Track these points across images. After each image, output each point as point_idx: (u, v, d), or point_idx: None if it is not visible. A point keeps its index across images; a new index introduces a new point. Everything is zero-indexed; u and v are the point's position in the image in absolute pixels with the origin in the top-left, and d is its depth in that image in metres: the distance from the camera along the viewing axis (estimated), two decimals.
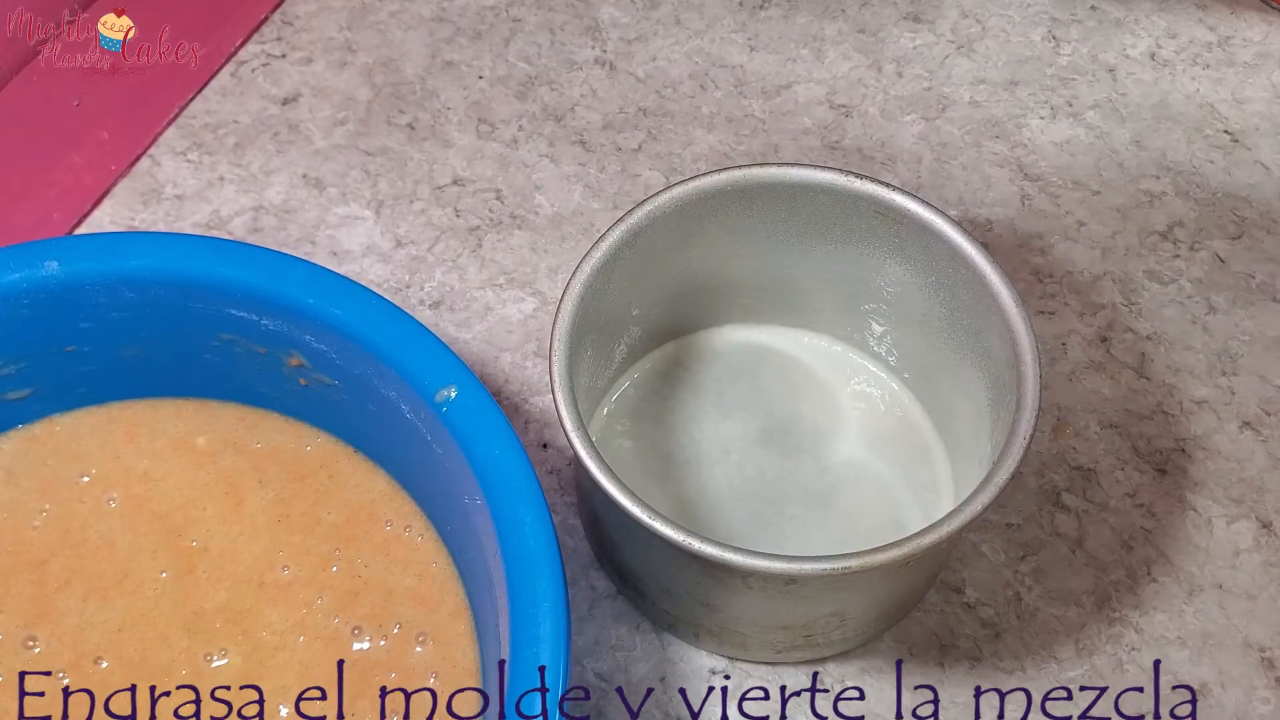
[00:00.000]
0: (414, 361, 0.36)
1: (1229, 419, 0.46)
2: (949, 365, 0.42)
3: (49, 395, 0.40)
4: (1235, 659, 0.42)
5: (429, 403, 0.35)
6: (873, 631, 0.41)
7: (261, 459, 0.40)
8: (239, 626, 0.37)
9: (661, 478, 0.43)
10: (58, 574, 0.38)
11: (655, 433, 0.44)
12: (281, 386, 0.40)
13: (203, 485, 0.40)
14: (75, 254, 0.38)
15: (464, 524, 0.36)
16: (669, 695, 0.41)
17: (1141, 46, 0.57)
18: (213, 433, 0.41)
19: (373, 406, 0.38)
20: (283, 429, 0.41)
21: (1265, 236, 0.51)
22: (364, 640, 0.37)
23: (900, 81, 0.55)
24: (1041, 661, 0.42)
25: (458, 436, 0.35)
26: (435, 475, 0.37)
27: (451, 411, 0.35)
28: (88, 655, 0.37)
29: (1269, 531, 0.44)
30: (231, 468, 0.40)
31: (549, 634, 0.32)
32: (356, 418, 0.39)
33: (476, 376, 0.36)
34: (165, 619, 0.37)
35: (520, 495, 0.34)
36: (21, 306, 0.37)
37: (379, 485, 0.40)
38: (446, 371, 0.36)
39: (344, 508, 0.40)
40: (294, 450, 0.41)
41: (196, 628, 0.37)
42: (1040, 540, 0.44)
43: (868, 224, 0.41)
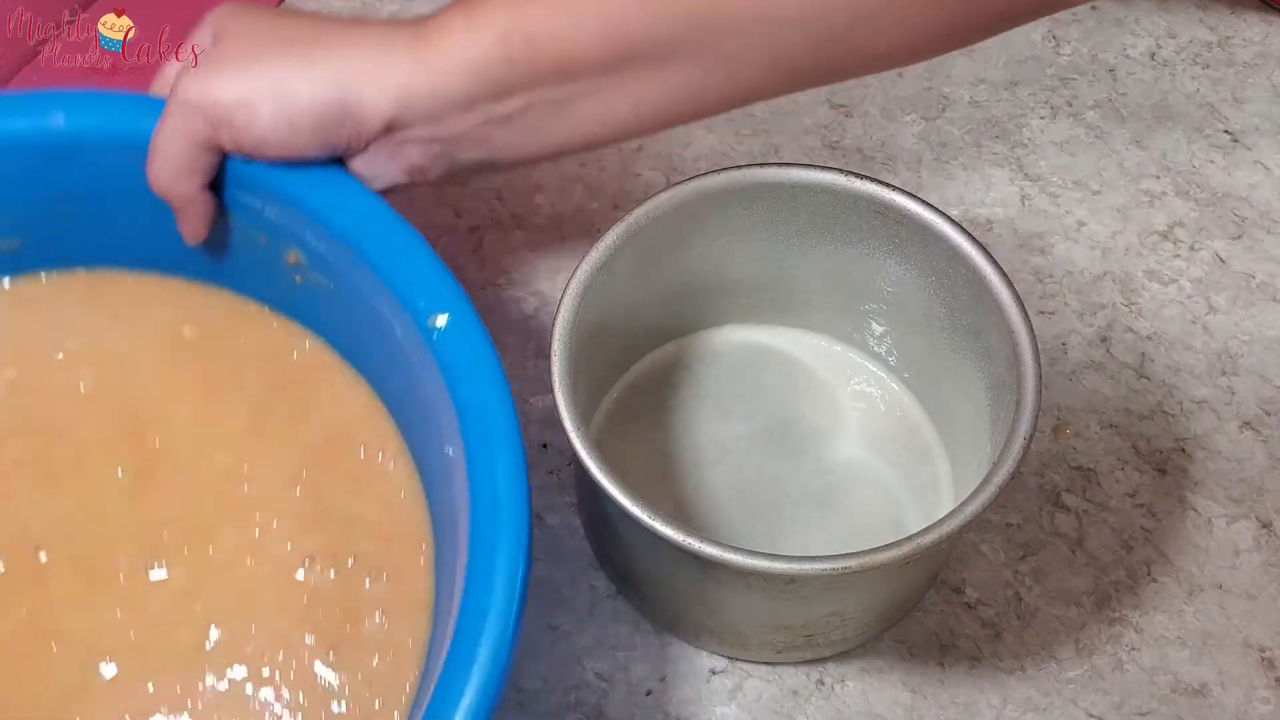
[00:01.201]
0: (409, 280, 0.34)
1: (1229, 419, 0.46)
2: (949, 365, 0.42)
3: (39, 249, 0.38)
4: (1235, 659, 0.42)
5: (419, 327, 0.33)
6: (873, 631, 0.41)
7: (245, 360, 0.38)
8: (187, 541, 0.35)
9: (661, 478, 0.43)
10: (12, 452, 0.36)
11: (655, 433, 0.44)
12: (278, 281, 0.38)
13: (180, 380, 0.38)
14: (84, 110, 0.36)
15: (439, 457, 0.34)
16: (669, 695, 0.41)
17: (1142, 46, 0.57)
18: (201, 322, 0.39)
19: (365, 318, 0.36)
20: (273, 328, 0.39)
21: (1265, 236, 0.51)
22: (314, 571, 0.35)
23: (900, 81, 0.55)
24: (1041, 661, 0.42)
25: (444, 369, 0.33)
26: (417, 400, 0.35)
27: (441, 341, 0.33)
28: (28, 545, 0.34)
29: (1269, 531, 0.44)
30: (213, 365, 0.38)
31: (497, 612, 0.29)
32: (347, 325, 0.38)
33: (474, 308, 0.34)
34: (114, 521, 0.35)
35: (498, 444, 0.31)
36: (21, 154, 0.36)
37: (359, 401, 0.38)
38: (442, 296, 0.34)
39: (320, 427, 0.37)
40: (280, 354, 0.38)
41: (144, 536, 0.35)
42: (1040, 540, 0.44)
43: (868, 224, 0.41)
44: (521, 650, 0.41)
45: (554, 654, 0.42)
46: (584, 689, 0.41)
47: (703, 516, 0.43)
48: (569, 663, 0.41)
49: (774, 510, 0.43)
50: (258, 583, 0.35)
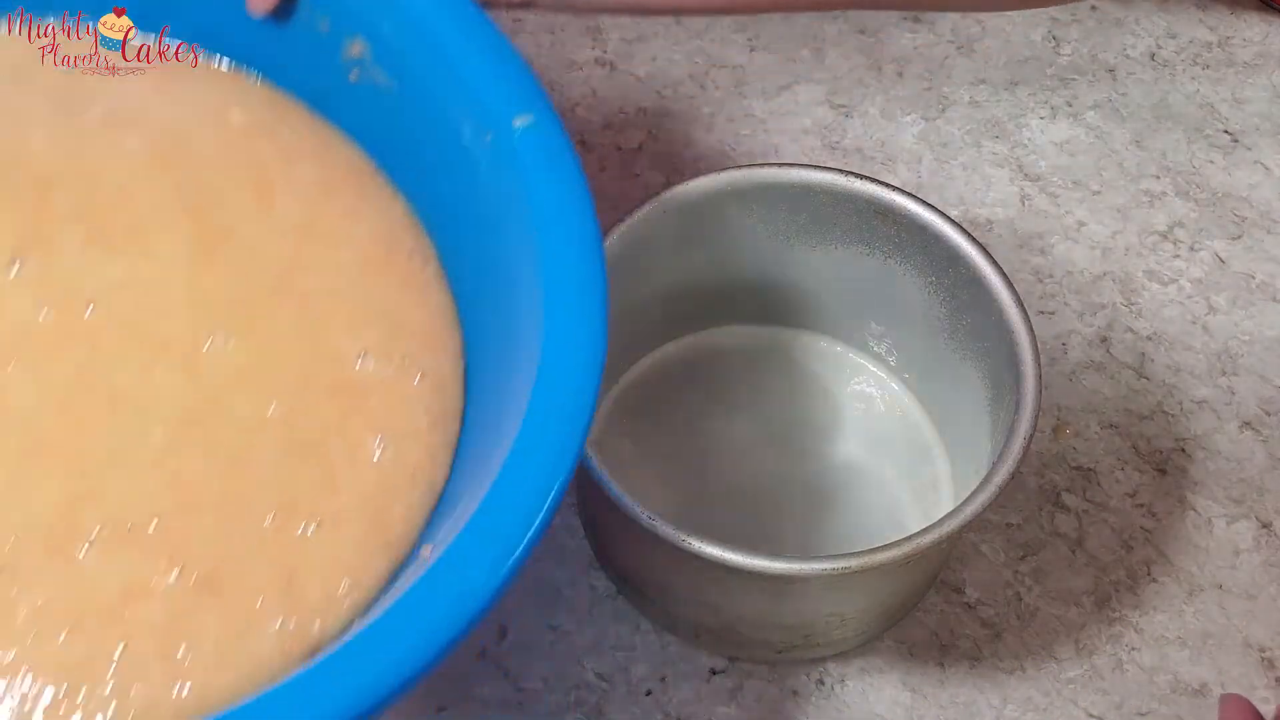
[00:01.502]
0: (494, 78, 0.33)
1: (1229, 419, 0.46)
2: (949, 365, 0.42)
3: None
4: (1235, 659, 0.42)
5: (501, 126, 0.32)
6: (873, 631, 0.41)
7: (293, 155, 0.37)
8: (246, 321, 0.34)
9: (661, 478, 0.43)
10: (61, 205, 0.34)
11: (655, 432, 0.44)
12: (328, 76, 0.36)
13: (233, 165, 0.36)
14: None
15: (491, 268, 0.33)
16: (669, 695, 0.41)
17: (1141, 47, 0.57)
18: (247, 108, 0.37)
19: (424, 121, 0.35)
20: (314, 128, 0.37)
21: (1265, 236, 0.51)
22: (368, 364, 0.34)
23: (900, 82, 0.55)
24: (1041, 661, 0.42)
25: (526, 168, 0.32)
26: (472, 210, 0.34)
27: (525, 139, 0.32)
28: (79, 298, 0.32)
29: (1269, 531, 0.44)
30: (263, 155, 0.36)
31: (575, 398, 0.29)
32: (398, 132, 0.36)
33: (555, 111, 0.33)
34: (171, 289, 0.33)
35: (580, 238, 0.31)
36: None
37: (398, 213, 0.36)
38: (529, 98, 0.33)
39: (370, 231, 0.36)
40: (323, 156, 0.37)
41: (202, 309, 0.33)
42: (1040, 540, 0.44)
43: (868, 224, 0.41)
44: (521, 650, 0.42)
45: (554, 654, 0.42)
46: (584, 689, 0.41)
47: (703, 516, 0.43)
48: (569, 663, 0.41)
49: (774, 510, 0.43)
50: (315, 367, 0.34)
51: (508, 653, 0.42)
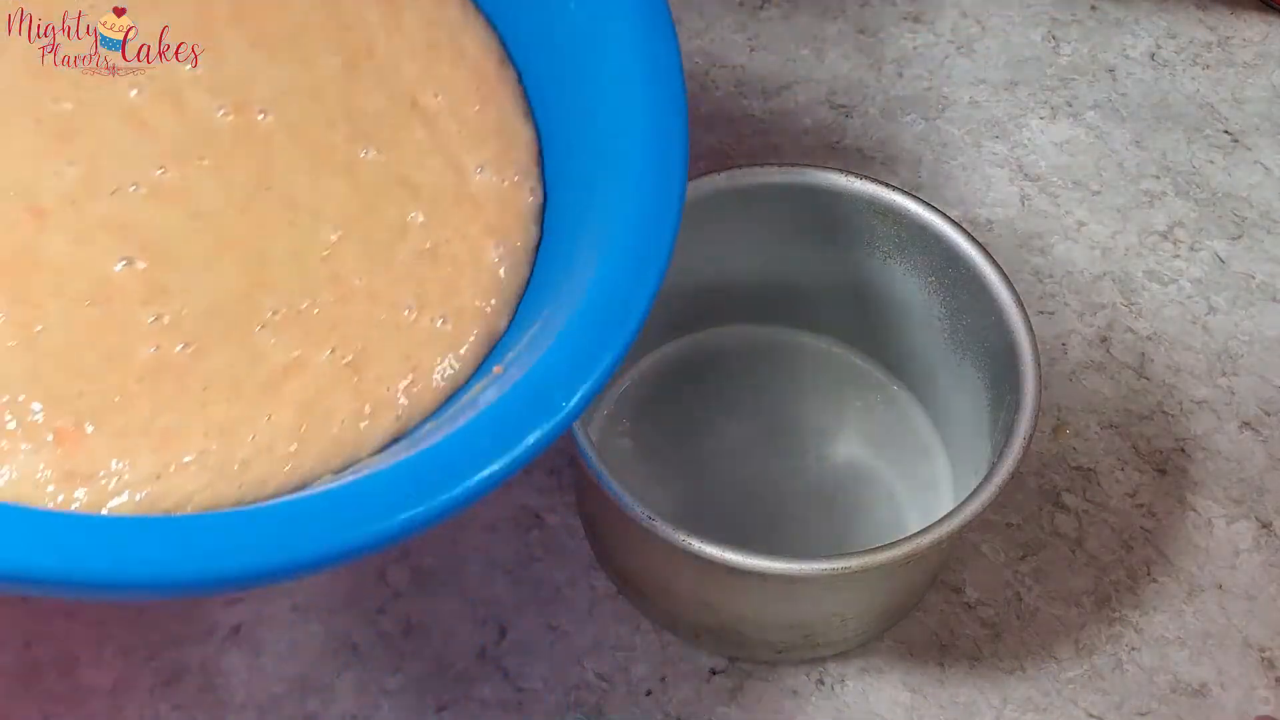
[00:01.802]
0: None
1: (1229, 419, 0.46)
2: (949, 365, 0.42)
3: None
4: (1235, 659, 0.42)
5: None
6: (873, 631, 0.41)
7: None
8: (389, 133, 0.35)
9: (661, 478, 0.43)
10: (221, 11, 0.34)
11: (655, 433, 0.44)
12: None
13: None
14: None
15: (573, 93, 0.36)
16: (669, 695, 0.41)
17: (1141, 47, 0.57)
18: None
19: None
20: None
21: (1265, 237, 0.51)
22: (486, 176, 0.35)
23: (900, 82, 0.55)
24: (1041, 661, 0.42)
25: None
26: (557, 40, 0.36)
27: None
28: (251, 104, 0.33)
29: (1269, 532, 0.44)
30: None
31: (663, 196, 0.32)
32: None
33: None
34: (328, 100, 0.35)
35: (662, 69, 0.33)
36: None
37: (495, 43, 0.38)
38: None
39: (477, 54, 0.37)
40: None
41: (354, 120, 0.35)
42: (1040, 540, 0.44)
43: (868, 224, 0.41)
44: (521, 650, 0.42)
45: (554, 654, 0.42)
46: (584, 689, 0.41)
47: (703, 516, 0.43)
48: (569, 663, 0.41)
49: (774, 510, 0.43)
50: (444, 178, 0.35)
51: (507, 653, 0.42)
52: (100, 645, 0.42)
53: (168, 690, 0.41)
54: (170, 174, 0.31)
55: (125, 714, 0.41)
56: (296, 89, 0.34)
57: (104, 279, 0.29)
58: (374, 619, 0.42)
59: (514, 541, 0.44)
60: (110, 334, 0.29)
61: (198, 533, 0.27)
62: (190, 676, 0.41)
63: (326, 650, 0.42)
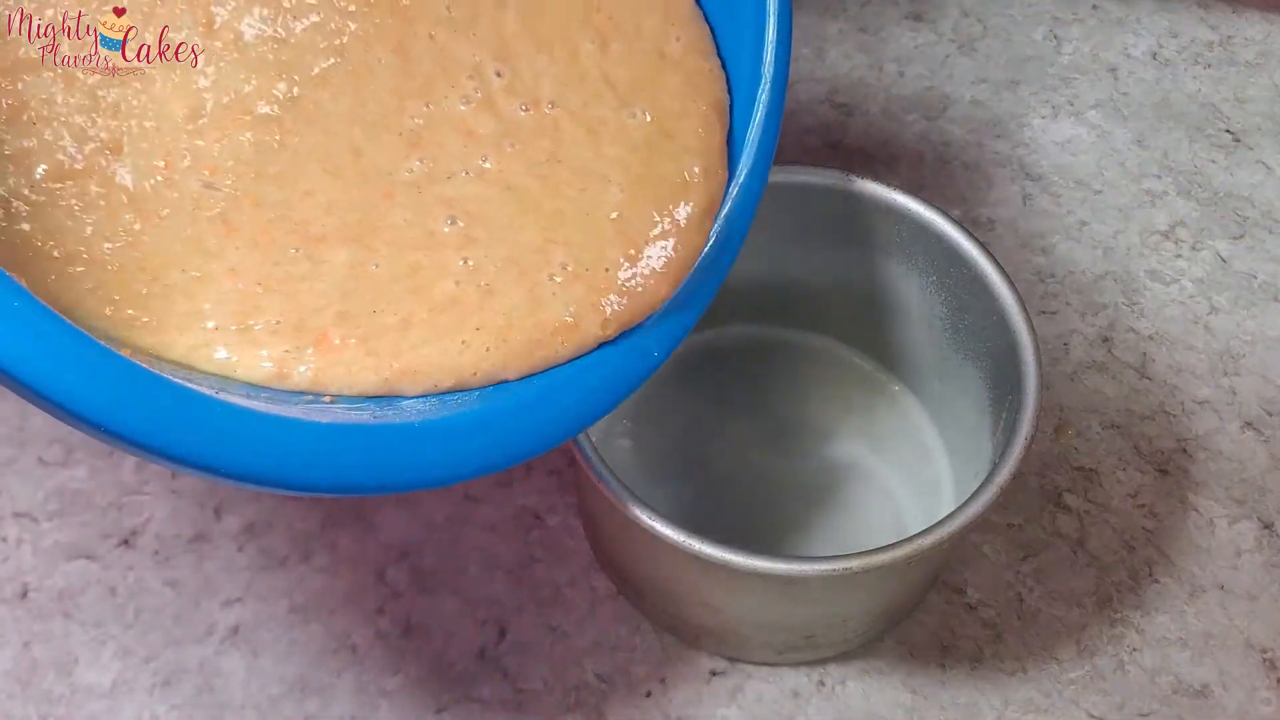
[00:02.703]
0: None
1: (1231, 419, 0.46)
2: (950, 365, 0.42)
3: None
4: (1237, 660, 0.42)
5: None
6: (874, 632, 0.41)
7: None
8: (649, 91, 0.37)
9: (661, 478, 0.43)
10: (512, 22, 0.37)
11: (655, 433, 0.44)
12: None
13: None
14: None
15: None
16: (669, 696, 0.41)
17: (1143, 46, 0.56)
18: None
19: None
20: None
21: (1267, 236, 0.51)
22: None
23: (901, 81, 0.55)
24: (1043, 662, 0.42)
25: None
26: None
27: None
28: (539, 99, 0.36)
29: (1271, 532, 0.44)
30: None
31: None
32: None
33: None
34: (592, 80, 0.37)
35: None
36: None
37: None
38: None
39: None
40: None
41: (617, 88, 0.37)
42: (1042, 541, 0.44)
43: (869, 224, 0.41)
44: (521, 651, 0.41)
45: (554, 654, 0.42)
46: (584, 689, 0.41)
47: (703, 516, 0.42)
48: (569, 663, 0.41)
49: (774, 510, 0.43)
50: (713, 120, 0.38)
51: (507, 653, 0.42)
52: (99, 646, 0.42)
53: (166, 691, 0.41)
54: (490, 162, 0.35)
55: (124, 714, 0.41)
56: (569, 79, 0.37)
57: (431, 234, 0.34)
58: (373, 619, 0.42)
59: (514, 541, 0.44)
60: (424, 272, 0.33)
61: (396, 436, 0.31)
62: (189, 677, 0.41)
63: (326, 650, 0.42)
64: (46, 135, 0.33)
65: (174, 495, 0.45)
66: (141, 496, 0.45)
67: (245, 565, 0.43)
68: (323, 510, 0.44)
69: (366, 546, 0.44)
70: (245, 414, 0.29)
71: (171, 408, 0.27)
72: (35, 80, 0.33)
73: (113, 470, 0.45)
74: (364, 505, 0.44)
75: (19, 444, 0.46)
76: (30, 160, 0.32)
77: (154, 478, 0.45)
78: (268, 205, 0.33)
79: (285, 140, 0.34)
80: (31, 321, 0.25)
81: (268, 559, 0.43)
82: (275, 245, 0.33)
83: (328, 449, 0.29)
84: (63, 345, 0.26)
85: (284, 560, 0.43)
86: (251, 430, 0.28)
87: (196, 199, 0.33)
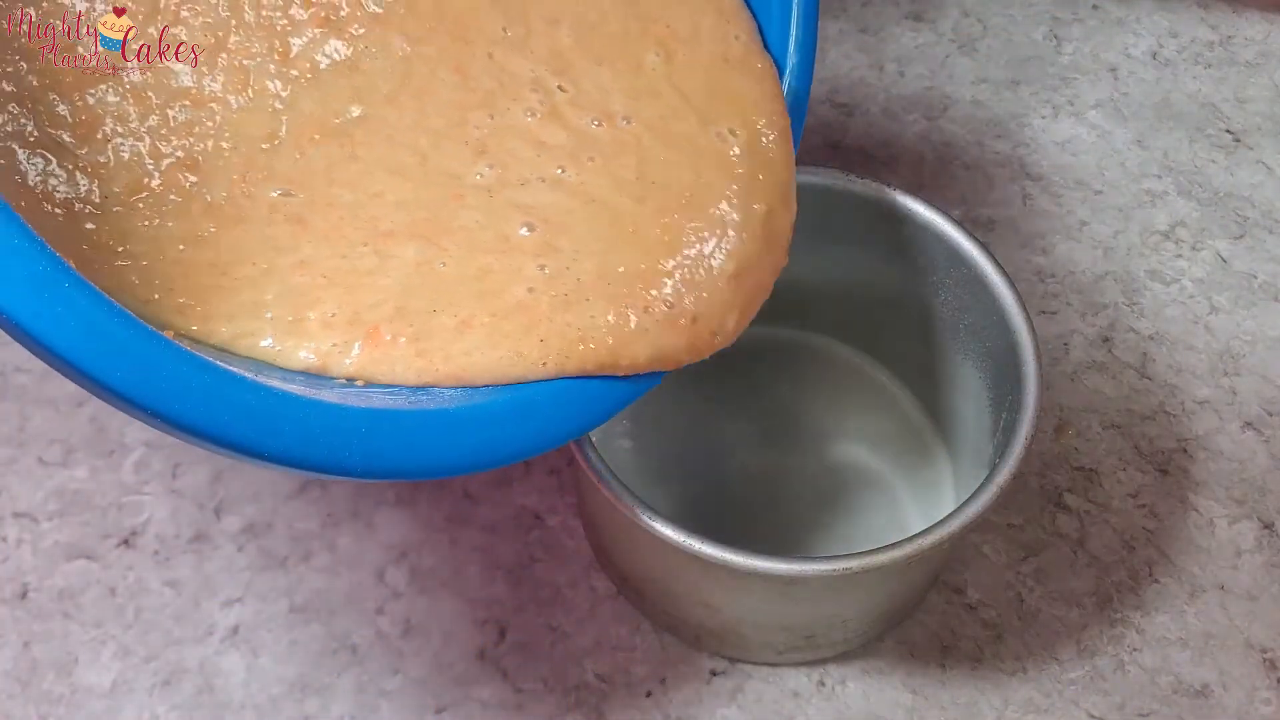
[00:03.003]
0: None
1: (1231, 419, 0.46)
2: (950, 365, 0.42)
3: None
4: (1237, 660, 0.42)
5: None
6: (874, 632, 0.41)
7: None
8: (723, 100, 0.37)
9: (661, 478, 0.43)
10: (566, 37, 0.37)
11: (655, 433, 0.44)
12: None
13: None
14: None
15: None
16: (669, 696, 0.41)
17: (1143, 46, 0.56)
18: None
19: None
20: None
21: (1267, 236, 0.51)
22: None
23: (902, 81, 0.55)
24: (1043, 662, 0.42)
25: None
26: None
27: None
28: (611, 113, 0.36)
29: (1271, 532, 0.44)
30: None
31: None
32: None
33: None
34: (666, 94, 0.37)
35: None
36: None
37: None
38: None
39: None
40: None
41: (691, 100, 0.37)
42: (1042, 541, 0.44)
43: (869, 224, 0.41)
44: (520, 651, 0.41)
45: (554, 654, 0.42)
46: (584, 689, 0.41)
47: (703, 517, 0.42)
48: (569, 663, 0.41)
49: (774, 510, 0.43)
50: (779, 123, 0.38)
51: (507, 653, 0.42)
52: (99, 646, 0.42)
53: (166, 691, 0.41)
54: (569, 173, 0.35)
55: (124, 715, 0.41)
56: (639, 92, 0.37)
57: (505, 238, 0.33)
58: (373, 619, 0.42)
59: (514, 542, 0.44)
60: (494, 276, 0.33)
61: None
62: (189, 677, 0.41)
63: (325, 651, 0.42)
64: (124, 154, 0.33)
65: (174, 495, 0.45)
66: (141, 496, 0.45)
67: (245, 565, 0.43)
68: (323, 510, 0.44)
69: (366, 546, 0.44)
70: (285, 396, 0.29)
71: (213, 388, 0.27)
72: (104, 95, 0.34)
73: (113, 470, 0.45)
74: (364, 505, 0.44)
75: (19, 444, 0.46)
76: (106, 174, 0.33)
77: (154, 478, 0.45)
78: (339, 206, 0.34)
79: (356, 152, 0.34)
80: (80, 303, 0.26)
81: (268, 559, 0.43)
82: (344, 240, 0.33)
83: (365, 433, 0.29)
84: (110, 330, 0.26)
85: (284, 560, 0.43)
86: (290, 413, 0.28)
87: (272, 205, 0.33)
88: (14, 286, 0.25)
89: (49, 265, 0.26)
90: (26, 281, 0.25)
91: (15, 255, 0.25)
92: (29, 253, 0.26)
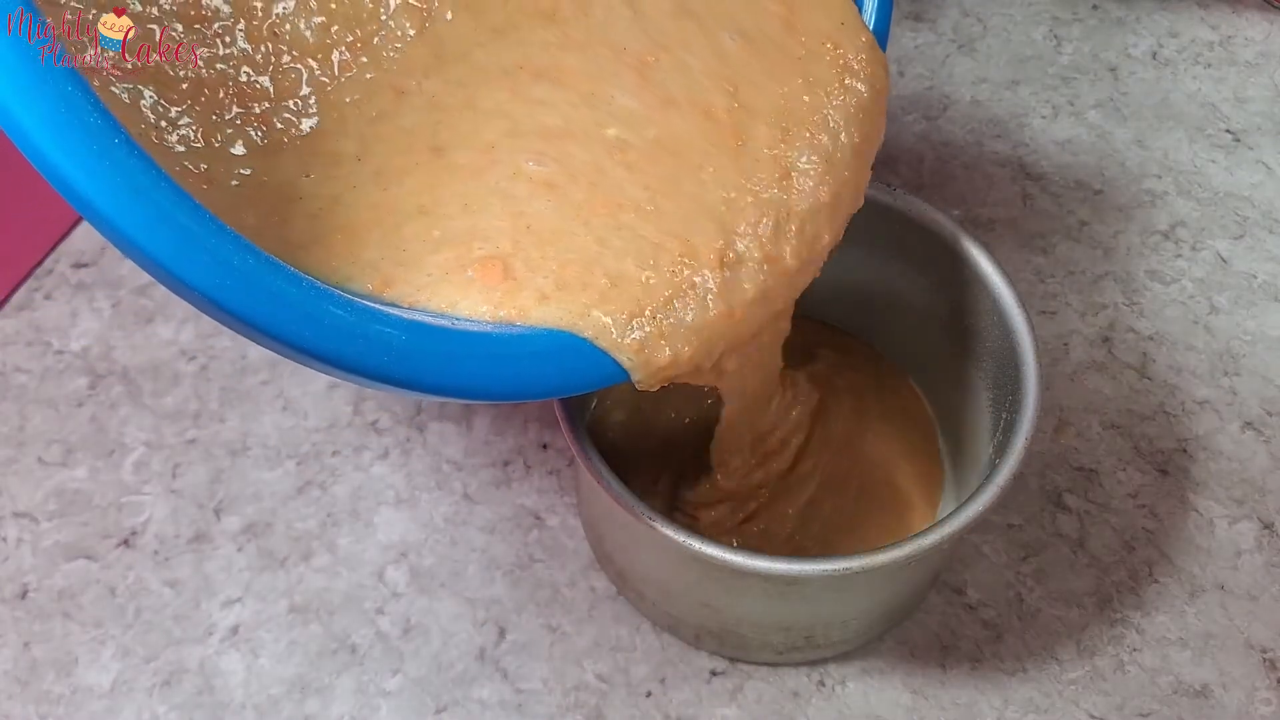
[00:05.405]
0: None
1: (1231, 419, 0.46)
2: (950, 365, 0.42)
3: None
4: (1237, 660, 0.42)
5: None
6: (874, 632, 0.41)
7: None
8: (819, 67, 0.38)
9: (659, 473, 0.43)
10: None
11: (655, 430, 0.44)
12: None
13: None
14: None
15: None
16: (669, 696, 0.41)
17: (1143, 46, 0.56)
18: None
19: None
20: None
21: (1267, 236, 0.51)
22: None
23: (902, 81, 0.55)
24: (1043, 662, 0.42)
25: None
26: None
27: None
28: (713, 107, 0.36)
29: (1271, 532, 0.44)
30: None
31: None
32: None
33: None
34: (761, 84, 0.37)
35: None
36: None
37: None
38: None
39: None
40: None
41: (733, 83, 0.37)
42: (1042, 541, 0.44)
43: (869, 224, 0.41)
44: (520, 651, 0.41)
45: (554, 654, 0.42)
46: (584, 690, 0.41)
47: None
48: (569, 663, 0.41)
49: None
50: None
51: (507, 653, 0.42)
52: (99, 646, 0.42)
53: (166, 691, 0.41)
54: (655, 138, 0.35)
55: (124, 715, 0.41)
56: (742, 80, 0.37)
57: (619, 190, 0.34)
58: (373, 619, 0.42)
59: (514, 542, 0.44)
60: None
61: None
62: (189, 677, 0.41)
63: (325, 651, 0.42)
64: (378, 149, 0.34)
65: (174, 495, 0.45)
66: (141, 496, 0.45)
67: (245, 565, 0.43)
68: (323, 510, 0.44)
69: (366, 546, 0.44)
70: (396, 320, 0.30)
71: (341, 317, 0.28)
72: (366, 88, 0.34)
73: (112, 470, 0.45)
74: (364, 505, 0.44)
75: (19, 444, 0.46)
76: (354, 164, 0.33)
77: (154, 478, 0.45)
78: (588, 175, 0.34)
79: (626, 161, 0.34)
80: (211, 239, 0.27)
81: (268, 559, 0.43)
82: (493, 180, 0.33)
83: (463, 353, 0.30)
84: (245, 264, 0.27)
85: (284, 560, 0.43)
86: (412, 336, 0.30)
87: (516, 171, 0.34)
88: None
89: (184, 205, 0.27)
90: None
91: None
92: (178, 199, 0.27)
